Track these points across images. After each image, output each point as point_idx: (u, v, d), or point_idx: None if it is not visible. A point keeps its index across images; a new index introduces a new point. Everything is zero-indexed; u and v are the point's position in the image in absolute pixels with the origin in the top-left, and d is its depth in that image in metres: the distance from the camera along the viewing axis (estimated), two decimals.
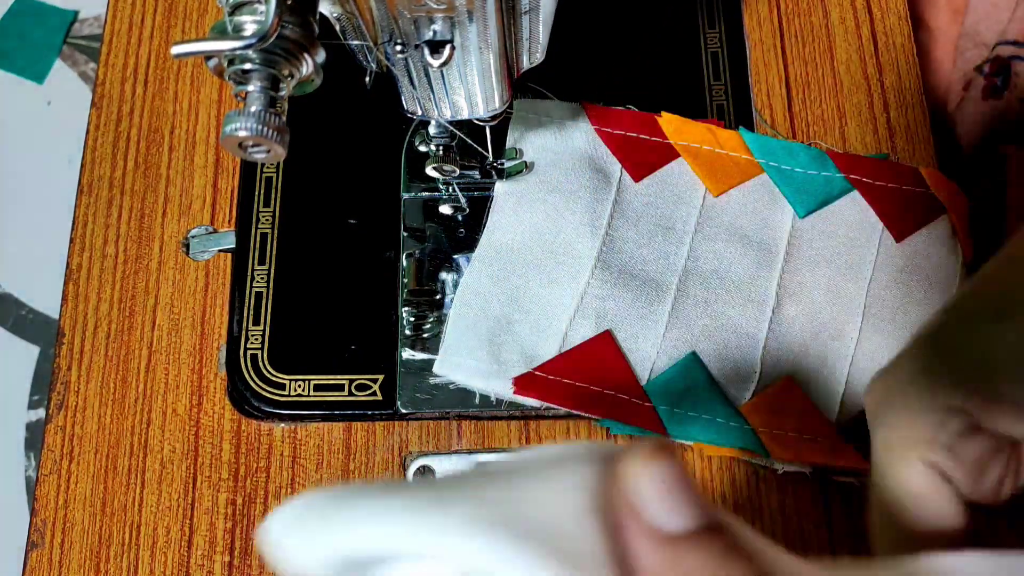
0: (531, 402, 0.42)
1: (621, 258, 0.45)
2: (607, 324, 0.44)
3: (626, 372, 0.43)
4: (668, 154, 0.47)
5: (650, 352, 0.43)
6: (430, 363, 0.44)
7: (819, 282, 0.45)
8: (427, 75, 0.35)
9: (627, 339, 0.43)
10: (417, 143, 0.48)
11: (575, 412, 0.43)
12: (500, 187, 0.46)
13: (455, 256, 0.46)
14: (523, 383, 0.42)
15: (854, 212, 0.46)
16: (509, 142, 0.47)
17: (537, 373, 0.43)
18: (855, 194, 0.46)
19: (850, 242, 0.46)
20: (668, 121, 0.48)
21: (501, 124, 0.41)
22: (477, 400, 0.43)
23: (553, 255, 0.45)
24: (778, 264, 0.45)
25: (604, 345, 0.43)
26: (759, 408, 0.42)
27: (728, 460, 0.43)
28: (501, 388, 0.42)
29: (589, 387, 0.42)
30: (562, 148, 0.47)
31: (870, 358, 0.43)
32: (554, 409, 0.43)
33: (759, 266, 0.45)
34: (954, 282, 0.45)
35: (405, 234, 0.47)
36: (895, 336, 0.43)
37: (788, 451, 0.41)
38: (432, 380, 0.44)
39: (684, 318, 0.44)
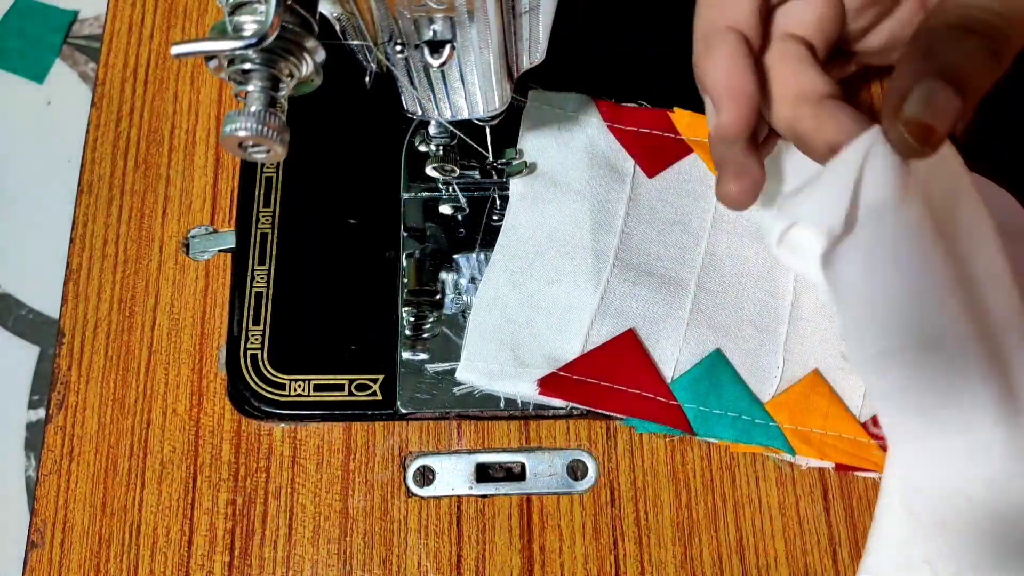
0: (556, 402, 0.42)
1: (639, 256, 0.45)
2: (629, 323, 0.44)
3: (651, 371, 0.43)
4: (681, 150, 0.47)
5: (673, 350, 0.43)
6: (430, 363, 0.44)
7: None
8: (427, 75, 0.35)
9: (650, 337, 0.43)
10: (417, 143, 0.48)
11: (575, 413, 0.43)
12: (515, 188, 0.46)
13: (455, 256, 0.46)
14: (547, 384, 0.42)
15: None
16: (521, 133, 0.47)
17: (561, 374, 0.42)
18: None
19: None
20: (680, 117, 0.48)
21: (501, 124, 0.41)
22: (500, 401, 0.43)
23: (570, 255, 0.45)
24: None
25: (627, 344, 0.43)
26: (785, 404, 0.42)
27: (729, 460, 0.43)
28: (526, 390, 0.42)
29: (614, 386, 0.42)
30: (575, 146, 0.47)
31: None
32: (577, 408, 0.43)
33: (776, 261, 0.45)
34: None
35: (405, 234, 0.47)
36: None
37: (813, 449, 0.42)
38: (432, 380, 0.44)
39: (705, 315, 0.44)
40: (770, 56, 0.37)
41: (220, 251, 0.47)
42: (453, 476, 0.43)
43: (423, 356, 0.44)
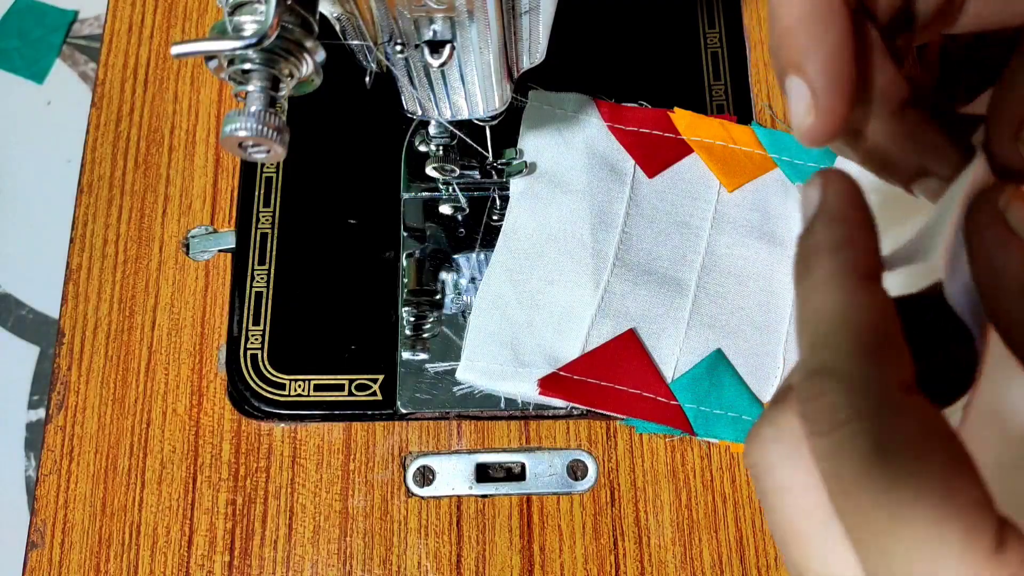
0: (556, 402, 0.42)
1: (639, 256, 0.45)
2: (629, 323, 0.44)
3: (651, 371, 0.43)
4: (681, 150, 0.48)
5: (673, 350, 0.43)
6: (430, 363, 0.44)
7: None
8: (427, 75, 0.35)
9: (650, 337, 0.44)
10: (417, 143, 0.48)
11: (575, 413, 0.43)
12: (515, 188, 0.46)
13: (455, 256, 0.46)
14: (548, 384, 0.42)
15: None
16: (521, 133, 0.47)
17: (561, 373, 0.43)
18: None
19: None
20: (680, 117, 0.48)
21: (501, 124, 0.41)
22: (500, 401, 0.43)
23: (571, 255, 0.45)
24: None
25: (627, 344, 0.43)
26: None
27: (729, 460, 0.43)
28: (526, 390, 0.42)
29: (614, 386, 0.42)
30: (575, 146, 0.47)
31: None
32: (577, 408, 0.43)
33: (776, 261, 0.45)
34: None
35: (405, 234, 0.47)
36: None
37: None
38: (432, 379, 0.44)
39: (705, 315, 0.44)
40: None
41: (220, 251, 0.47)
42: (453, 476, 0.43)
43: (423, 356, 0.44)
